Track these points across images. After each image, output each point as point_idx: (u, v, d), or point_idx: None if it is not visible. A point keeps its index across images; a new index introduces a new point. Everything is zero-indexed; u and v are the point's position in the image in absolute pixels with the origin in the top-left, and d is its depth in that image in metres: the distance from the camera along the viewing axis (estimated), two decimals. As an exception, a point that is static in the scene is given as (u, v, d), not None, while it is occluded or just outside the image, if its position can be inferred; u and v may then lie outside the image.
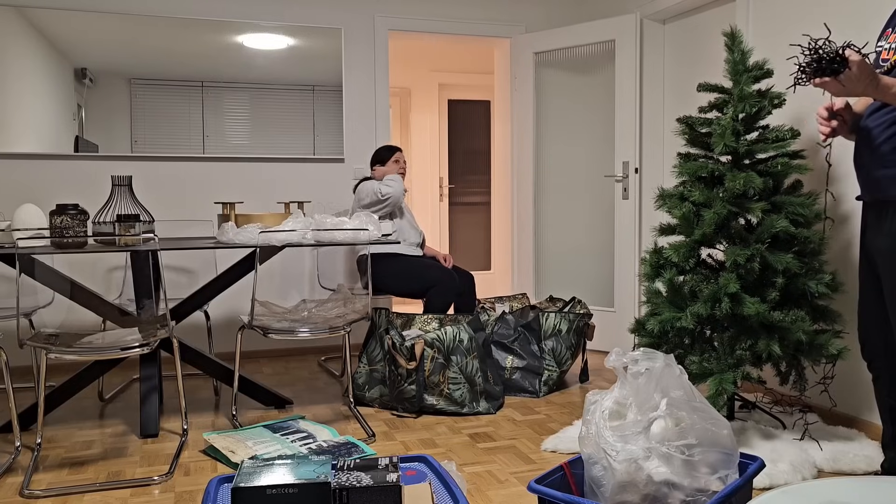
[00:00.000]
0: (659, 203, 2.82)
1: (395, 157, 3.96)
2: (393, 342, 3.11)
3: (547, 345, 3.49)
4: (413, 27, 4.57)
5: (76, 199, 4.00)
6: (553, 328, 3.52)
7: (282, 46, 4.29)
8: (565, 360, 3.51)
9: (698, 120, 2.81)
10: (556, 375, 3.48)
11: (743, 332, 2.63)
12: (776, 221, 2.58)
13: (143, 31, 4.04)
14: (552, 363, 3.48)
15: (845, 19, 2.80)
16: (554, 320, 3.53)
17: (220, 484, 1.84)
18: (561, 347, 3.50)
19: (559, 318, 3.53)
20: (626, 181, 4.19)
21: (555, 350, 3.49)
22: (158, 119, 4.11)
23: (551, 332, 3.51)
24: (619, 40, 4.18)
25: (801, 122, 3.05)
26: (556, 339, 3.50)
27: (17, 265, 2.61)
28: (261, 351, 4.38)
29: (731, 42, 2.77)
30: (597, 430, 1.78)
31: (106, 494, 2.35)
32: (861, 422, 2.80)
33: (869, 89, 1.89)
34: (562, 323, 3.53)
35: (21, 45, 3.84)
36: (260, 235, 2.89)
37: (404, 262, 3.71)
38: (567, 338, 3.52)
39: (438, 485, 1.86)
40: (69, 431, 2.99)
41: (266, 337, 2.88)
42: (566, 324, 3.53)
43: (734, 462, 1.76)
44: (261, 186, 4.33)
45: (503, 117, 4.87)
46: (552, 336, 3.51)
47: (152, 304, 3.01)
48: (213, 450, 2.71)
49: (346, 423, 3.05)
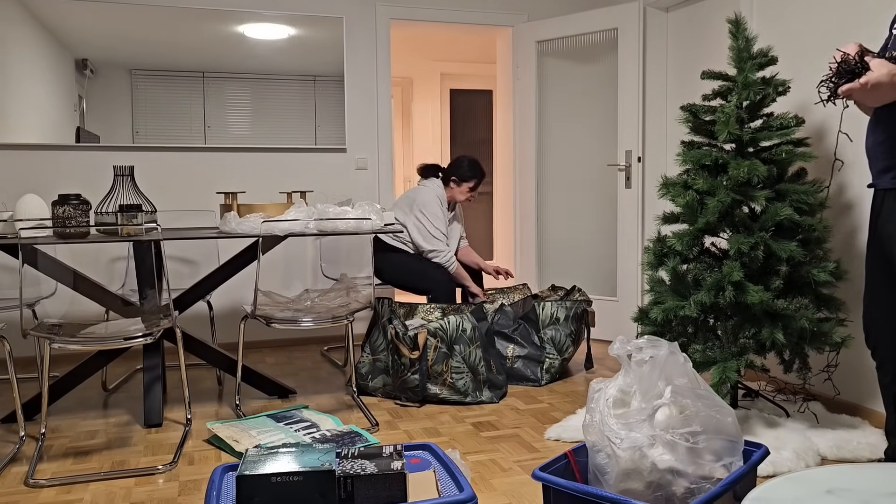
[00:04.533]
0: (662, 191, 2.81)
1: (473, 184, 3.76)
2: (396, 332, 3.11)
3: (546, 333, 3.50)
4: (415, 16, 4.54)
5: (78, 190, 4.00)
6: (551, 317, 3.52)
7: (283, 36, 4.28)
8: (566, 348, 3.52)
9: (702, 108, 2.80)
10: (558, 363, 3.48)
11: (746, 320, 2.62)
12: (780, 209, 2.57)
13: (143, 22, 4.03)
14: (553, 351, 3.48)
15: (851, 7, 2.78)
16: (551, 309, 3.53)
17: (224, 472, 1.84)
18: (560, 335, 3.50)
19: (556, 307, 3.53)
20: (629, 170, 4.17)
21: (554, 339, 3.49)
22: (160, 109, 4.10)
23: (549, 321, 3.52)
24: (621, 28, 4.16)
25: (805, 110, 3.03)
26: (555, 328, 3.51)
27: (20, 256, 2.61)
28: (264, 341, 4.38)
29: (735, 29, 2.75)
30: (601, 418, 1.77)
31: (110, 484, 2.36)
32: (864, 410, 2.80)
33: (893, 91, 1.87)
34: (559, 311, 3.53)
35: (22, 36, 3.83)
36: (262, 225, 2.89)
37: (413, 259, 3.69)
38: (566, 325, 3.52)
39: (443, 472, 1.86)
40: (73, 421, 3.00)
41: (269, 327, 2.88)
42: (563, 312, 3.53)
43: (738, 449, 1.76)
44: (263, 176, 4.32)
45: (505, 107, 4.85)
46: (551, 325, 3.51)
47: (155, 295, 3.01)
48: (217, 439, 2.71)
49: (349, 413, 3.05)
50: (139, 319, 2.88)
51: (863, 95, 1.91)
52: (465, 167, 3.76)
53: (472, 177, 3.78)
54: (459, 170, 3.77)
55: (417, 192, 3.76)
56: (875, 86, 1.87)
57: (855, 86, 1.89)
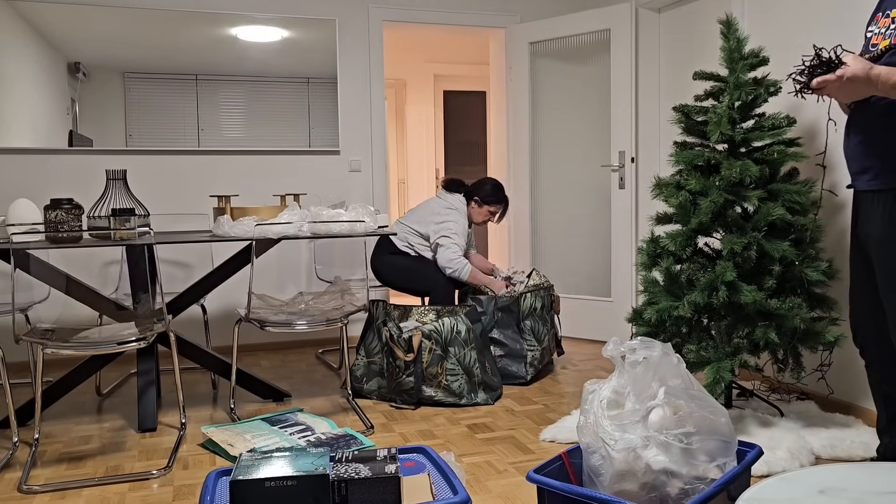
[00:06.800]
0: (655, 192, 2.82)
1: (494, 209, 3.76)
2: (391, 334, 3.11)
3: (526, 325, 3.51)
4: (408, 18, 4.54)
5: (71, 194, 3.99)
6: (530, 307, 3.54)
7: (276, 38, 4.27)
8: (543, 337, 3.57)
9: (694, 108, 2.80)
10: (539, 354, 3.51)
11: (740, 320, 2.63)
12: (773, 209, 2.57)
13: (136, 25, 4.02)
14: (533, 342, 3.50)
15: (841, 8, 2.79)
16: (530, 300, 3.54)
17: (218, 477, 1.84)
18: (538, 325, 3.54)
19: (534, 297, 3.55)
20: (623, 170, 4.18)
21: (534, 329, 3.52)
22: (153, 113, 4.09)
23: (528, 311, 3.53)
24: (614, 29, 4.16)
25: (796, 110, 3.04)
26: (533, 318, 3.53)
27: (11, 260, 2.60)
28: (258, 344, 4.37)
29: (726, 30, 2.76)
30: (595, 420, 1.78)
31: (104, 489, 2.35)
32: (858, 408, 2.81)
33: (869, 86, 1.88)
34: (536, 301, 3.55)
35: (13, 39, 3.82)
36: (256, 228, 2.89)
37: (414, 261, 3.68)
38: (542, 314, 3.58)
39: (437, 475, 1.86)
40: (67, 426, 2.99)
41: (263, 330, 2.87)
42: (540, 301, 3.58)
43: (732, 450, 1.77)
44: (256, 179, 4.32)
45: (499, 108, 4.85)
46: (529, 315, 3.53)
47: (149, 299, 3.00)
48: (212, 443, 2.71)
49: (344, 416, 3.05)
50: (133, 324, 2.87)
51: (837, 89, 1.92)
52: (489, 189, 3.77)
53: (496, 201, 3.79)
54: (482, 191, 3.78)
55: (441, 206, 3.73)
56: (850, 80, 1.88)
57: (830, 77, 1.90)
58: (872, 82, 1.88)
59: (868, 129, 2.03)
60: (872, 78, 1.87)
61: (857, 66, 1.87)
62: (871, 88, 1.89)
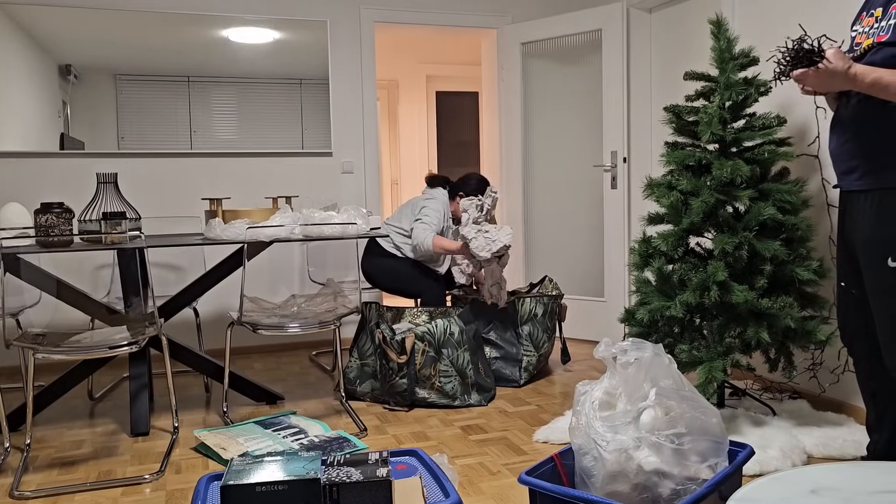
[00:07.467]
0: (647, 192, 2.82)
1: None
2: (384, 336, 3.10)
3: (524, 330, 3.50)
4: (399, 19, 4.54)
5: (61, 198, 3.97)
6: (529, 313, 3.52)
7: (267, 40, 4.26)
8: (542, 344, 3.53)
9: (685, 108, 2.81)
10: (535, 360, 3.49)
11: (732, 319, 2.63)
12: (763, 209, 2.58)
13: (127, 27, 4.01)
14: (530, 348, 3.49)
15: (829, 7, 2.80)
16: (529, 305, 3.53)
17: (210, 481, 1.84)
18: (537, 331, 3.51)
19: (534, 303, 3.53)
20: (615, 171, 4.19)
21: (532, 335, 3.50)
22: (145, 115, 4.08)
23: (528, 316, 3.52)
24: (605, 30, 4.17)
25: (787, 110, 3.05)
26: (533, 324, 3.51)
27: (1, 265, 2.59)
28: (251, 347, 4.36)
29: (716, 30, 2.76)
30: (587, 421, 1.78)
31: (97, 494, 2.34)
32: (849, 406, 2.82)
33: (847, 82, 1.90)
34: (537, 307, 3.53)
35: (4, 42, 3.80)
36: (248, 231, 2.88)
37: (404, 264, 3.67)
38: (543, 321, 3.53)
39: (429, 478, 1.86)
40: (59, 431, 2.97)
41: (256, 333, 2.87)
42: (541, 307, 3.54)
43: (724, 450, 1.77)
44: (248, 182, 4.31)
45: (491, 108, 4.85)
46: (529, 321, 3.51)
47: (140, 302, 2.99)
48: (205, 447, 2.70)
49: (337, 418, 3.05)
50: (124, 328, 2.86)
51: (815, 81, 1.93)
52: (474, 185, 3.74)
53: (480, 188, 3.75)
54: (467, 186, 3.75)
55: (422, 199, 3.74)
56: (831, 73, 1.89)
57: (809, 72, 1.91)
58: (850, 79, 1.89)
59: (854, 129, 2.04)
60: (850, 76, 1.89)
61: (838, 63, 1.88)
62: (849, 84, 1.91)
